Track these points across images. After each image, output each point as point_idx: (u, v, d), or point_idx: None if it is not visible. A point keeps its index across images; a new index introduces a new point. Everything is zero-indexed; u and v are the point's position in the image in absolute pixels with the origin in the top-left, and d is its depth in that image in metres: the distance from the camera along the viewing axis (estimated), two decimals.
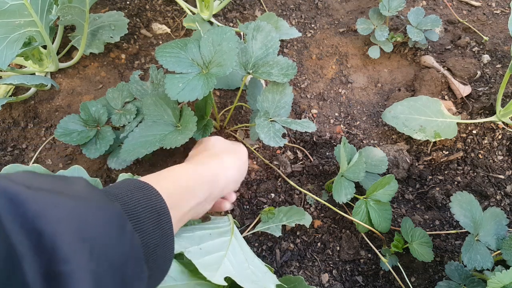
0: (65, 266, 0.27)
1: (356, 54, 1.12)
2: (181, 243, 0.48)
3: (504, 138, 0.94)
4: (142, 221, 0.39)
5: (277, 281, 0.50)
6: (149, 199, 0.42)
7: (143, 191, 0.42)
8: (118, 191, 0.41)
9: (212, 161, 0.62)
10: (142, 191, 0.42)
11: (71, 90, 1.01)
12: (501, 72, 1.04)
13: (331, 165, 0.89)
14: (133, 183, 0.43)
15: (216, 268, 0.46)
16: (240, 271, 0.49)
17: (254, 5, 1.18)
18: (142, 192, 0.42)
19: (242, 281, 0.46)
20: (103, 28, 1.04)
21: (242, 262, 0.51)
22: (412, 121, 0.91)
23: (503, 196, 0.88)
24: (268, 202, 0.87)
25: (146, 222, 0.40)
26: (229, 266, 0.48)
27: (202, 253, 0.47)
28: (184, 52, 0.72)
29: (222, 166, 0.62)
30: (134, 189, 0.42)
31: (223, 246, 0.52)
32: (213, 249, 0.50)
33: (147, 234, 0.39)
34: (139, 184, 0.44)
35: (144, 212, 0.40)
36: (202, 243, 0.50)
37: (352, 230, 0.84)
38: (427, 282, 0.79)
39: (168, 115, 0.78)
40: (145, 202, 0.41)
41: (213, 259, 0.48)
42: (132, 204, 0.40)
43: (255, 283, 0.47)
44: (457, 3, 1.21)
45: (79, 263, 0.28)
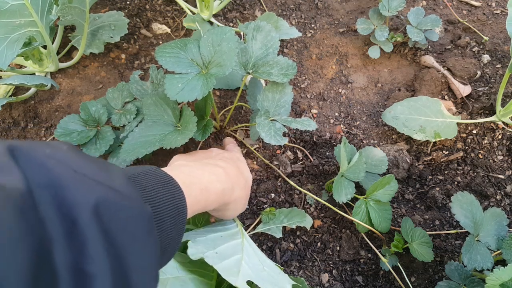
0: (91, 266, 0.27)
1: (356, 54, 1.12)
2: (198, 247, 0.49)
3: (504, 138, 0.94)
4: (163, 220, 0.39)
5: (292, 281, 0.51)
6: (172, 196, 0.42)
7: (168, 187, 0.43)
8: (146, 183, 0.40)
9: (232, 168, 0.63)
10: (167, 186, 0.42)
11: (71, 90, 1.01)
12: (501, 72, 1.04)
13: (331, 165, 0.89)
14: (160, 176, 0.43)
15: (237, 272, 0.46)
16: (258, 273, 0.49)
17: (254, 5, 1.18)
18: (167, 188, 0.42)
19: (263, 284, 0.46)
20: (103, 28, 1.04)
21: (257, 264, 0.52)
22: (412, 121, 0.91)
23: (503, 196, 0.88)
24: (268, 202, 0.87)
25: (167, 221, 0.40)
26: (247, 269, 0.48)
27: (220, 257, 0.48)
28: (183, 52, 0.72)
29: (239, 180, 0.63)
30: (160, 184, 0.42)
31: (237, 249, 0.52)
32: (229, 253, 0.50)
33: (164, 233, 0.39)
34: (166, 178, 0.44)
35: (166, 210, 0.40)
36: (216, 246, 0.51)
37: (352, 230, 0.84)
38: (427, 282, 0.79)
39: (168, 115, 0.78)
40: (169, 200, 0.41)
41: (232, 263, 0.48)
42: (157, 201, 0.40)
43: (274, 285, 0.47)
44: (457, 3, 1.21)
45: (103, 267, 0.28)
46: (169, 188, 0.42)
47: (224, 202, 0.57)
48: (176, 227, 0.41)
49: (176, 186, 0.44)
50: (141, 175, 0.41)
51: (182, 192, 0.44)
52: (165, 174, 0.44)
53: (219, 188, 0.55)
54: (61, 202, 0.27)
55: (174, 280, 0.46)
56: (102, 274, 0.28)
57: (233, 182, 0.60)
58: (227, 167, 0.62)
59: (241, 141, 0.94)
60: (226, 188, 0.56)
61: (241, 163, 0.70)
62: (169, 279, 0.45)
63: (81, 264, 0.27)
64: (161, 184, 0.42)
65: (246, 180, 0.66)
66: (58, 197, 0.27)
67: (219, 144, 0.93)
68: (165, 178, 0.44)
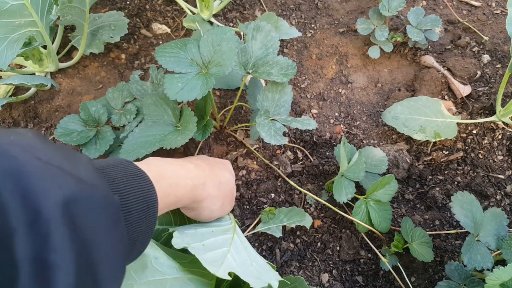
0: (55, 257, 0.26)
1: (356, 54, 1.12)
2: (184, 239, 0.48)
3: (504, 138, 0.94)
4: (131, 213, 0.38)
5: (280, 278, 0.50)
6: (142, 189, 0.41)
7: (138, 180, 0.42)
8: (115, 174, 0.40)
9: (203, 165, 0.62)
10: (137, 179, 0.42)
11: (71, 90, 1.01)
12: (501, 72, 1.04)
13: (331, 165, 0.89)
14: (130, 169, 0.42)
15: (220, 263, 0.46)
16: (244, 267, 0.49)
17: (254, 5, 1.18)
18: (137, 181, 0.41)
19: (246, 277, 0.46)
20: (103, 28, 1.05)
21: (245, 259, 0.51)
22: (412, 121, 0.91)
23: (503, 196, 0.88)
24: (268, 202, 0.87)
25: (134, 214, 0.39)
26: (232, 262, 0.48)
27: (205, 249, 0.48)
28: (183, 52, 0.72)
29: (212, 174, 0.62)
30: (130, 176, 0.41)
31: (225, 243, 0.52)
32: (216, 246, 0.50)
33: (132, 226, 0.38)
34: (136, 171, 0.43)
35: (135, 202, 0.39)
36: (204, 239, 0.50)
37: (352, 230, 0.84)
38: (427, 282, 0.79)
39: (168, 115, 0.78)
40: (138, 192, 0.40)
41: (217, 255, 0.48)
42: (125, 193, 0.39)
43: (258, 279, 0.47)
44: (457, 3, 1.21)
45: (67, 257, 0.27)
46: (139, 181, 0.42)
47: (195, 198, 0.56)
48: (145, 221, 0.40)
49: (146, 180, 0.43)
50: (110, 167, 0.41)
51: (152, 186, 0.43)
52: (135, 167, 0.43)
53: (189, 183, 0.54)
54: (24, 191, 0.26)
55: (173, 281, 0.46)
56: (65, 265, 0.27)
57: (205, 178, 0.59)
58: (200, 164, 0.61)
59: (241, 141, 0.94)
60: (196, 183, 0.55)
61: (222, 165, 0.68)
62: (168, 280, 0.45)
63: (43, 254, 0.26)
64: (131, 176, 0.41)
65: (222, 180, 0.65)
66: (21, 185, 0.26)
67: (219, 145, 0.93)
68: (135, 171, 0.43)
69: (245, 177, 0.89)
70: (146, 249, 0.46)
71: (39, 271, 0.25)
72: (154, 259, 0.45)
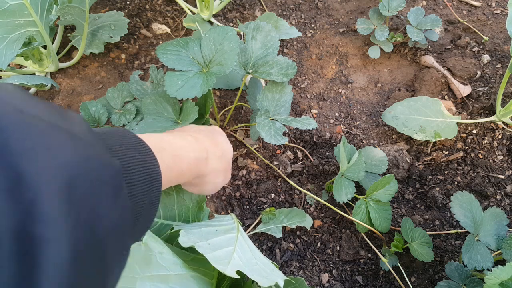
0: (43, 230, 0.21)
1: (356, 54, 1.12)
2: (191, 237, 0.48)
3: (504, 138, 0.94)
4: (133, 184, 0.34)
5: (285, 277, 0.51)
6: (144, 160, 0.37)
7: (139, 149, 0.37)
8: (113, 142, 0.34)
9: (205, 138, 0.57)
10: (138, 148, 0.37)
11: (71, 90, 1.01)
12: (501, 72, 1.04)
13: (331, 165, 0.89)
14: (128, 137, 0.37)
15: (227, 262, 0.46)
16: (250, 266, 0.49)
17: (254, 5, 1.18)
18: (137, 150, 0.37)
19: (253, 275, 0.46)
20: (103, 28, 1.04)
21: (250, 258, 0.52)
22: (412, 121, 0.91)
23: (503, 196, 0.88)
24: (268, 202, 0.87)
25: (137, 186, 0.34)
26: (238, 260, 0.48)
27: (212, 248, 0.48)
28: (185, 50, 0.72)
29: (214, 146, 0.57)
30: (129, 145, 0.36)
31: (230, 242, 0.52)
32: (221, 245, 0.50)
33: (135, 199, 0.34)
34: (136, 140, 0.38)
35: (137, 173, 0.35)
36: (210, 238, 0.50)
37: (352, 230, 0.84)
38: (427, 282, 0.78)
39: (168, 112, 0.79)
40: (140, 162, 0.36)
41: (223, 253, 0.48)
42: (126, 162, 0.34)
43: (265, 278, 0.47)
44: (457, 3, 1.21)
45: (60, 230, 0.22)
46: (140, 151, 0.37)
47: (199, 173, 0.52)
48: (149, 195, 0.36)
49: (147, 150, 0.38)
50: (107, 134, 0.35)
51: (154, 157, 0.38)
52: (134, 136, 0.38)
53: (192, 156, 0.50)
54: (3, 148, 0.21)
55: (177, 277, 0.46)
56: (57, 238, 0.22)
57: (207, 151, 0.54)
58: (199, 137, 0.57)
59: (241, 141, 0.93)
60: (199, 157, 0.52)
61: (219, 134, 0.63)
62: (171, 276, 0.45)
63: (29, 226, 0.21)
64: (131, 145, 0.36)
65: (223, 151, 0.60)
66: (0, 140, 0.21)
67: None
68: (135, 140, 0.38)
69: (245, 177, 0.89)
70: (151, 243, 0.45)
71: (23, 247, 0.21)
72: (159, 254, 0.45)
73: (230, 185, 0.89)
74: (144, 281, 0.43)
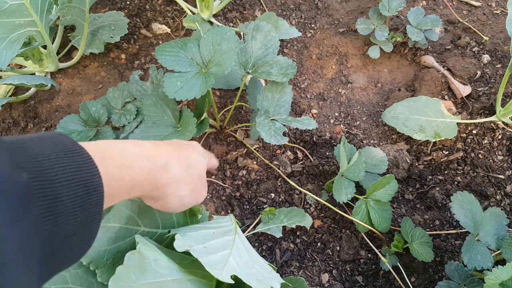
0: None
1: (356, 54, 1.12)
2: (186, 241, 0.48)
3: (504, 138, 0.94)
4: (61, 200, 0.30)
5: (282, 280, 0.50)
6: (79, 170, 0.32)
7: (74, 157, 0.33)
8: (40, 150, 0.31)
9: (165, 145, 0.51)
10: (72, 157, 0.33)
11: (71, 90, 1.01)
12: (501, 72, 1.04)
13: (331, 165, 0.89)
14: (63, 144, 0.33)
15: (222, 266, 0.46)
16: (246, 269, 0.49)
17: (254, 5, 1.18)
18: (72, 159, 0.32)
19: (248, 280, 0.46)
20: (103, 28, 1.05)
21: (247, 261, 0.51)
22: (412, 121, 0.91)
23: (503, 196, 0.88)
24: (268, 202, 0.87)
25: (66, 201, 0.30)
26: (234, 264, 0.48)
27: (207, 252, 0.47)
28: (183, 51, 0.72)
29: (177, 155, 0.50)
30: (62, 152, 0.32)
31: (227, 245, 0.52)
32: (218, 248, 0.50)
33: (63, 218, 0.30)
34: (72, 146, 0.34)
35: (68, 186, 0.30)
36: (206, 241, 0.50)
37: (352, 230, 0.84)
38: (427, 282, 0.78)
39: (168, 116, 0.79)
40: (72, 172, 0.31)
41: (219, 257, 0.47)
42: (53, 174, 0.30)
43: (261, 281, 0.47)
44: (457, 3, 1.21)
45: None
46: (75, 159, 0.32)
47: (157, 183, 0.46)
48: (84, 211, 0.32)
49: (84, 157, 0.34)
50: (34, 141, 0.32)
51: (93, 164, 0.34)
52: (71, 142, 0.34)
53: (146, 164, 0.44)
54: None
55: (173, 282, 0.45)
56: None
57: (167, 158, 0.48)
58: (160, 143, 0.51)
59: (241, 141, 0.93)
60: (155, 164, 0.45)
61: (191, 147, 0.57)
62: (168, 282, 0.45)
63: None
64: (63, 153, 0.32)
65: (191, 163, 0.53)
66: None
67: (219, 144, 0.93)
68: (70, 146, 0.33)
69: (245, 177, 0.89)
70: (145, 251, 0.45)
71: None
72: (153, 261, 0.45)
73: (230, 185, 0.89)
74: None
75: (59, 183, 0.30)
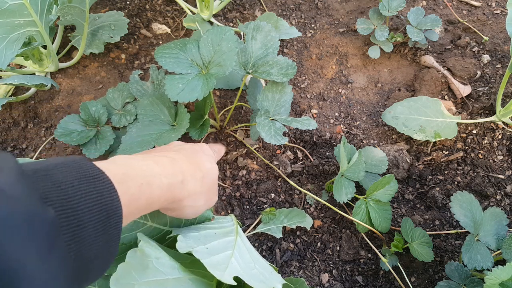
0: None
1: (356, 54, 1.12)
2: (188, 242, 0.48)
3: (504, 138, 0.94)
4: (84, 226, 0.31)
5: (283, 281, 0.50)
6: (99, 195, 0.34)
7: (94, 183, 0.34)
8: (63, 178, 0.32)
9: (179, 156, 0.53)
10: (93, 182, 0.34)
11: (71, 90, 1.01)
12: (501, 72, 1.04)
13: (331, 165, 0.89)
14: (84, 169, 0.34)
15: (225, 267, 0.46)
16: (247, 270, 0.49)
17: (254, 5, 1.18)
18: (93, 185, 0.34)
19: (250, 281, 0.46)
20: (103, 28, 1.04)
21: (248, 262, 0.51)
22: (412, 121, 0.91)
23: (503, 196, 0.88)
24: (268, 202, 0.87)
25: (88, 227, 0.32)
26: (236, 265, 0.48)
27: (209, 253, 0.47)
28: (183, 52, 0.72)
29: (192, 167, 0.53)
30: (83, 179, 0.33)
31: (229, 246, 0.52)
32: (219, 249, 0.50)
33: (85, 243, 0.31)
34: (93, 171, 0.35)
35: (89, 213, 0.32)
36: (208, 242, 0.50)
37: (352, 230, 0.84)
38: (427, 282, 0.78)
39: (165, 115, 0.79)
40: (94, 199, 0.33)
41: (221, 258, 0.48)
42: (75, 201, 0.31)
43: (263, 282, 0.47)
44: (457, 3, 1.21)
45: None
46: (96, 185, 0.34)
47: (174, 199, 0.49)
48: (105, 234, 0.33)
49: (105, 181, 0.35)
50: (57, 168, 0.33)
51: (113, 188, 0.35)
52: (92, 167, 0.35)
53: (165, 182, 0.46)
54: None
55: (175, 281, 0.45)
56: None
57: (183, 173, 0.50)
58: (177, 158, 0.53)
59: (241, 141, 0.93)
60: (173, 181, 0.48)
61: (202, 154, 0.59)
62: (169, 280, 0.45)
63: None
64: (85, 179, 0.33)
65: (205, 173, 0.56)
66: None
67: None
68: (91, 172, 0.35)
69: (245, 177, 0.89)
70: (147, 249, 0.45)
71: None
72: (155, 260, 0.45)
73: (230, 185, 0.89)
74: (142, 287, 0.42)
75: (81, 211, 0.31)
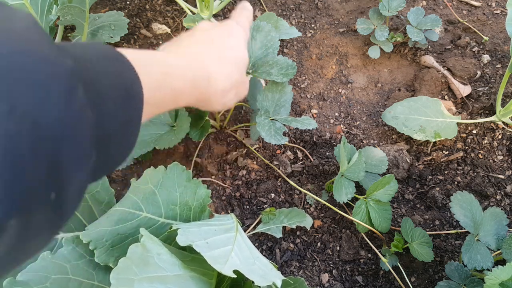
0: None
1: (356, 54, 1.12)
2: (189, 236, 0.48)
3: (504, 138, 0.94)
4: (102, 97, 0.29)
5: (283, 277, 0.51)
6: (119, 73, 0.32)
7: (113, 62, 0.32)
8: (81, 53, 0.30)
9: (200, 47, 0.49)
10: (112, 61, 0.32)
11: None
12: (501, 72, 1.04)
13: (331, 165, 0.89)
14: (104, 50, 0.33)
15: (225, 261, 0.46)
16: (248, 265, 0.49)
17: (254, 5, 1.18)
18: (112, 63, 0.32)
19: (251, 275, 0.46)
20: (103, 28, 1.04)
21: (248, 258, 0.52)
22: (412, 121, 0.91)
23: (503, 196, 0.88)
24: (268, 202, 0.87)
25: (107, 100, 0.30)
26: (236, 260, 0.48)
27: (210, 247, 0.48)
28: None
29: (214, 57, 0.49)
30: (101, 56, 0.31)
31: (229, 242, 0.52)
32: (219, 244, 0.50)
33: (105, 114, 0.29)
34: (112, 53, 0.33)
35: (109, 87, 0.30)
36: (208, 237, 0.50)
37: (352, 230, 0.84)
38: (427, 282, 0.78)
39: (164, 115, 0.79)
40: (113, 74, 0.31)
41: (221, 252, 0.48)
42: (94, 72, 0.29)
43: (263, 277, 0.47)
44: (457, 3, 1.21)
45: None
46: (114, 64, 0.32)
47: (199, 96, 0.46)
48: (125, 112, 0.31)
49: (125, 62, 0.33)
50: (76, 46, 0.31)
51: (133, 71, 0.33)
52: (111, 49, 0.33)
53: (189, 74, 0.43)
54: None
55: (175, 278, 0.46)
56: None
57: (208, 69, 0.47)
58: (201, 52, 0.48)
59: (241, 141, 0.93)
60: (198, 76, 0.44)
61: (232, 39, 0.54)
62: (170, 277, 0.45)
63: None
64: (104, 58, 0.31)
65: (233, 65, 0.52)
66: None
67: (219, 145, 0.93)
68: (111, 53, 0.33)
69: (245, 177, 0.89)
70: (149, 245, 0.45)
71: None
72: (157, 255, 0.45)
73: (230, 185, 0.89)
74: (142, 282, 0.42)
75: (99, 82, 0.29)
